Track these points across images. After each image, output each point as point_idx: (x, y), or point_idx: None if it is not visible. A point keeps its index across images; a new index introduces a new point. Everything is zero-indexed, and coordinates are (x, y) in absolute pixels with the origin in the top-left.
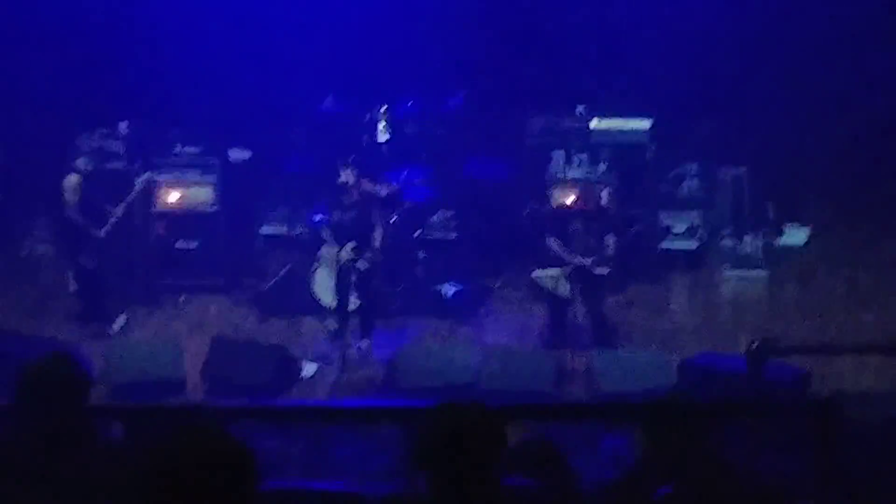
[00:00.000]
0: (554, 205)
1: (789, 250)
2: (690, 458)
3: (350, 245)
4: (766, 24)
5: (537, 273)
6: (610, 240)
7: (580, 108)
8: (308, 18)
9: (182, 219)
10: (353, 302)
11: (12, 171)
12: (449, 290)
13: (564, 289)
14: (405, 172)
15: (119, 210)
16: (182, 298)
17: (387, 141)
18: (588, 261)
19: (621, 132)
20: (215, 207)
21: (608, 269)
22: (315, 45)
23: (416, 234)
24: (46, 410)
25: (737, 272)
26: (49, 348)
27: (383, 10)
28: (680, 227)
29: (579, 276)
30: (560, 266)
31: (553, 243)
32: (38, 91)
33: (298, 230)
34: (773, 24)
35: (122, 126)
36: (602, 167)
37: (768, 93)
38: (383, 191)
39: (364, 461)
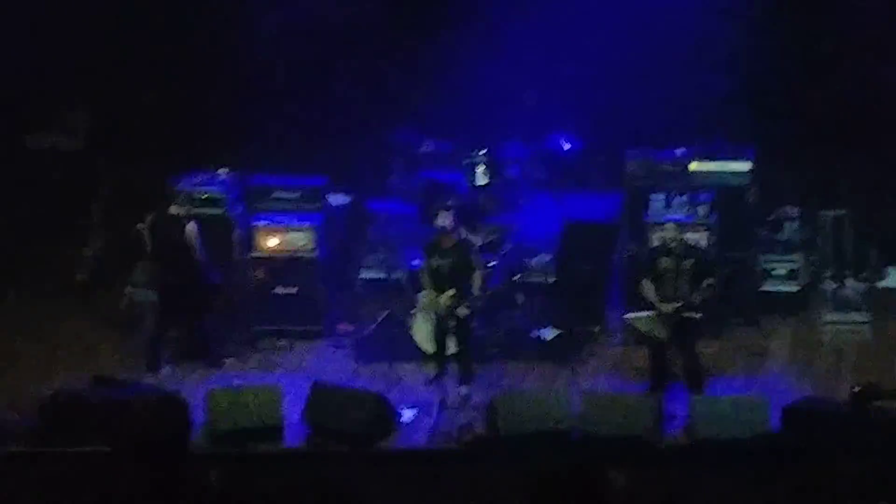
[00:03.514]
0: (649, 247)
1: (891, 293)
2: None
3: (449, 291)
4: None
5: (631, 316)
6: (705, 283)
7: (680, 150)
8: (409, 62)
9: (281, 264)
10: (452, 347)
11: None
12: (548, 334)
13: (660, 332)
14: (504, 216)
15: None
16: (281, 344)
17: (486, 185)
18: (674, 306)
19: (721, 174)
20: (314, 252)
21: (699, 314)
22: (415, 91)
23: (515, 279)
24: (152, 455)
25: (838, 315)
26: (153, 394)
27: (481, 51)
28: (780, 271)
29: (672, 319)
30: (653, 310)
31: (647, 287)
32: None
33: (397, 275)
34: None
35: (222, 172)
36: (701, 210)
37: (868, 135)
38: (482, 236)
39: None
